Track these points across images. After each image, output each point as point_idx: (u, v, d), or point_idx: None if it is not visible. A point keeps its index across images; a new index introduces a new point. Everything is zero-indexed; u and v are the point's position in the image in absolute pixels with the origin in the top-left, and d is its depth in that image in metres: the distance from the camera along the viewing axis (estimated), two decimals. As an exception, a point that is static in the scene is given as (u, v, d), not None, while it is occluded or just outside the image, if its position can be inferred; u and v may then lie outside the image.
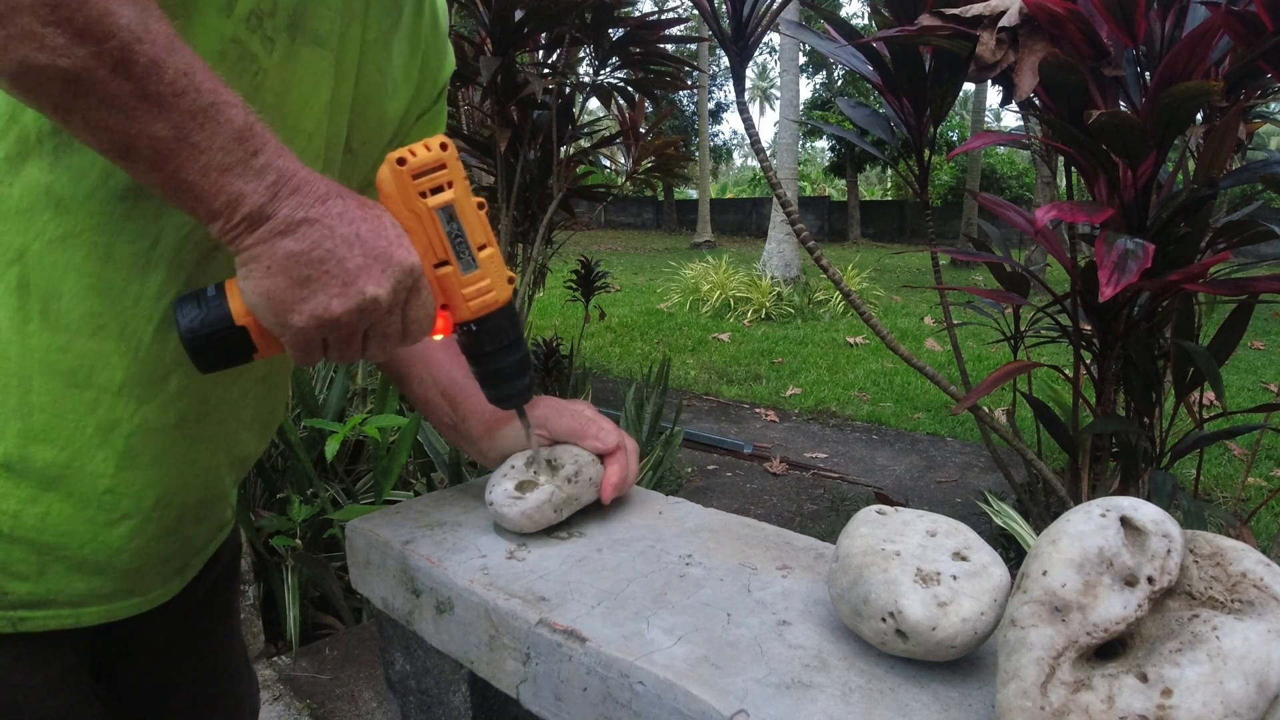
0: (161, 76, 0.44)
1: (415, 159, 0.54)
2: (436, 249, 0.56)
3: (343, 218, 0.50)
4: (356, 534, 0.83)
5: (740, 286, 8.45)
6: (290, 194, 0.49)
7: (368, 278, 0.50)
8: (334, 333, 0.52)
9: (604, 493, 0.75)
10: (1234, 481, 3.30)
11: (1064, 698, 0.41)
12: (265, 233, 0.48)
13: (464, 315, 0.59)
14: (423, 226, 0.55)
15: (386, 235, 0.51)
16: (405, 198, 0.55)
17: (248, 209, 0.48)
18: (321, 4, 0.56)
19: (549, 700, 0.62)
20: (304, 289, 0.49)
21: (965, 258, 1.91)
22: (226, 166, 0.46)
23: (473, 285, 0.58)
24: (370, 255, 0.50)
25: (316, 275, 0.49)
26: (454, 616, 0.70)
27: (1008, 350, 2.31)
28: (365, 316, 0.51)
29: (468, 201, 0.56)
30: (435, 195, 0.55)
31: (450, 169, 0.55)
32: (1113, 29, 1.31)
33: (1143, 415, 1.77)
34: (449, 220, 0.56)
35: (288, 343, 0.53)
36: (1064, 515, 0.46)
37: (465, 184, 0.56)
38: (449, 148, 0.55)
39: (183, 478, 0.63)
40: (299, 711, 1.82)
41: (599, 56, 2.75)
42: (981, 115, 15.18)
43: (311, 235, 0.49)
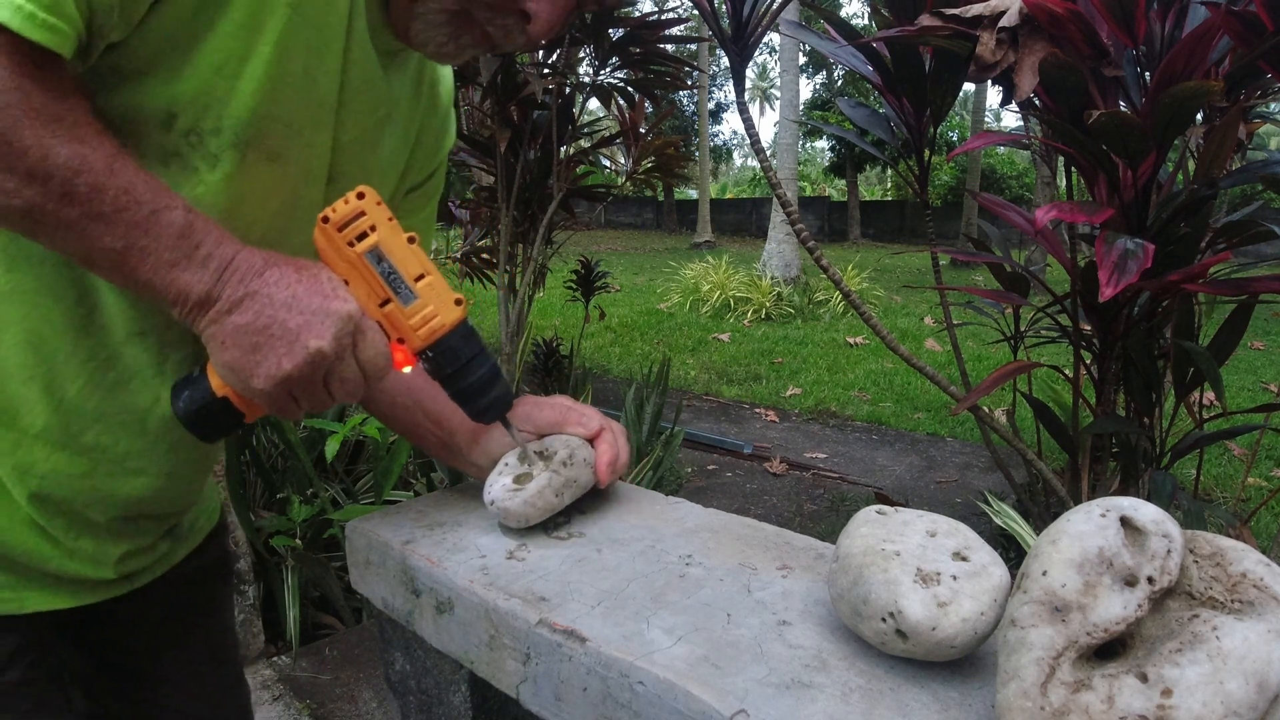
0: (103, 198, 0.51)
1: (336, 214, 0.59)
2: (376, 290, 0.61)
3: (279, 284, 0.55)
4: (356, 534, 0.83)
5: (740, 287, 8.45)
6: (231, 274, 0.55)
7: (309, 333, 0.55)
8: (296, 387, 0.57)
9: (600, 472, 0.77)
10: (1234, 481, 3.30)
11: (1064, 698, 0.41)
12: (215, 313, 0.55)
13: (417, 344, 0.62)
14: (358, 273, 0.60)
15: (322, 290, 0.57)
16: (336, 250, 0.60)
17: (197, 296, 0.54)
18: (276, 122, 0.59)
19: (549, 700, 0.61)
20: (256, 355, 0.55)
21: (965, 258, 1.91)
22: (174, 263, 0.53)
23: (417, 315, 0.61)
24: (308, 312, 0.56)
25: (264, 341, 0.55)
26: (454, 616, 0.70)
27: (1008, 350, 2.31)
28: (316, 368, 0.56)
29: (395, 240, 0.60)
30: (361, 241, 0.60)
31: (370, 214, 0.60)
32: (1113, 29, 1.31)
33: (1143, 415, 1.77)
34: (379, 261, 0.60)
35: (261, 403, 0.59)
36: (1064, 515, 0.46)
37: (391, 225, 0.60)
38: (366, 195, 0.60)
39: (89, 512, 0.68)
40: (299, 711, 1.82)
41: (599, 56, 2.75)
42: (981, 115, 15.18)
43: (254, 307, 0.55)
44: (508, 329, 3.05)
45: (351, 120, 0.66)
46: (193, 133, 0.57)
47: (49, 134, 0.49)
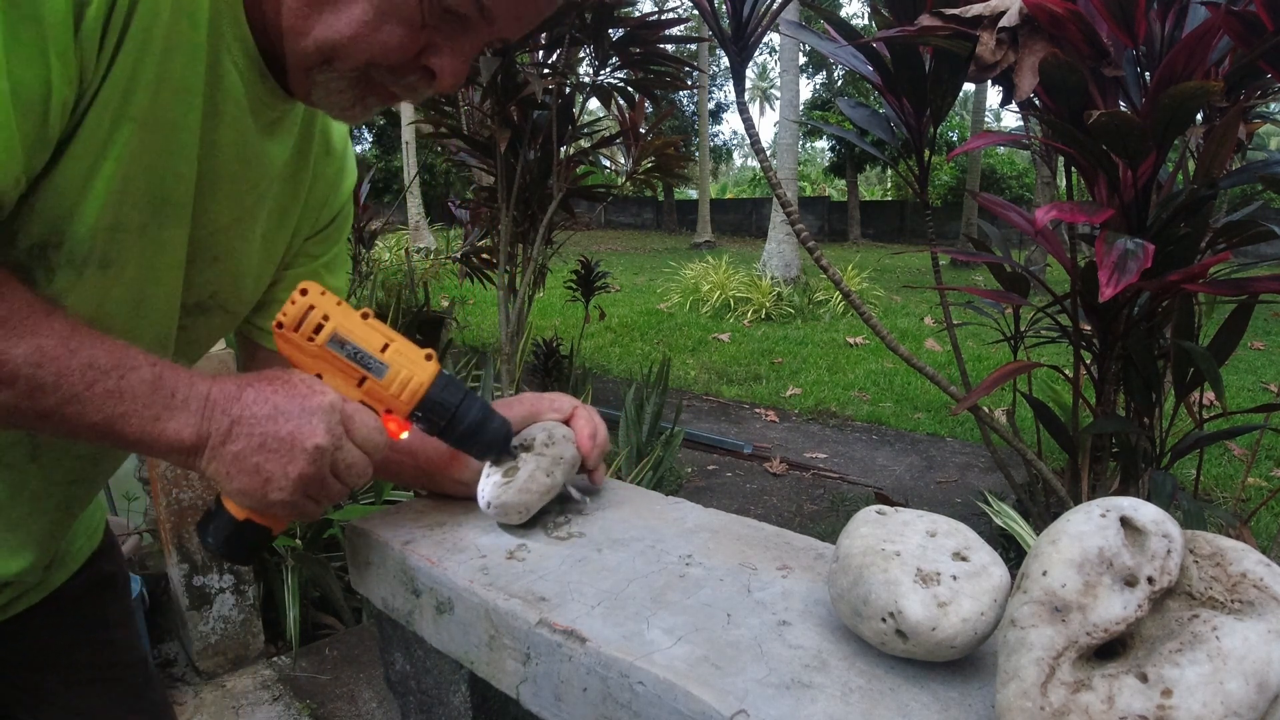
0: (70, 381, 0.52)
1: (287, 317, 0.62)
2: (350, 374, 0.63)
3: (259, 401, 0.57)
4: (356, 534, 0.83)
5: (740, 287, 8.45)
6: (212, 409, 0.56)
7: (302, 434, 0.57)
8: (309, 489, 0.59)
9: (582, 445, 0.78)
10: (1234, 482, 3.30)
11: (1064, 698, 0.41)
12: (212, 449, 0.57)
13: (404, 409, 0.65)
14: (327, 363, 0.63)
15: (299, 391, 0.58)
16: (299, 349, 0.63)
17: (189, 441, 0.56)
18: (115, 230, 0.58)
19: (549, 700, 0.61)
20: (263, 474, 0.57)
21: (965, 258, 1.91)
22: (155, 417, 0.55)
23: (394, 382, 0.64)
24: (294, 416, 0.57)
25: (264, 459, 0.57)
26: (454, 617, 0.70)
27: (1008, 350, 2.31)
28: (321, 463, 0.58)
29: (350, 321, 0.63)
30: (319, 334, 0.62)
31: (319, 306, 0.62)
32: (1113, 29, 1.31)
33: (1143, 415, 1.77)
34: (341, 346, 0.62)
35: (281, 514, 0.61)
36: (1064, 515, 0.46)
37: (341, 309, 0.63)
38: (309, 291, 0.62)
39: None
40: (299, 711, 1.82)
41: (599, 57, 2.75)
42: (981, 115, 15.18)
43: (244, 431, 0.57)
44: (508, 329, 3.05)
45: (224, 203, 0.66)
46: (35, 247, 0.57)
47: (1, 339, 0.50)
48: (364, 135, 22.94)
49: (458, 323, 6.13)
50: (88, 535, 0.85)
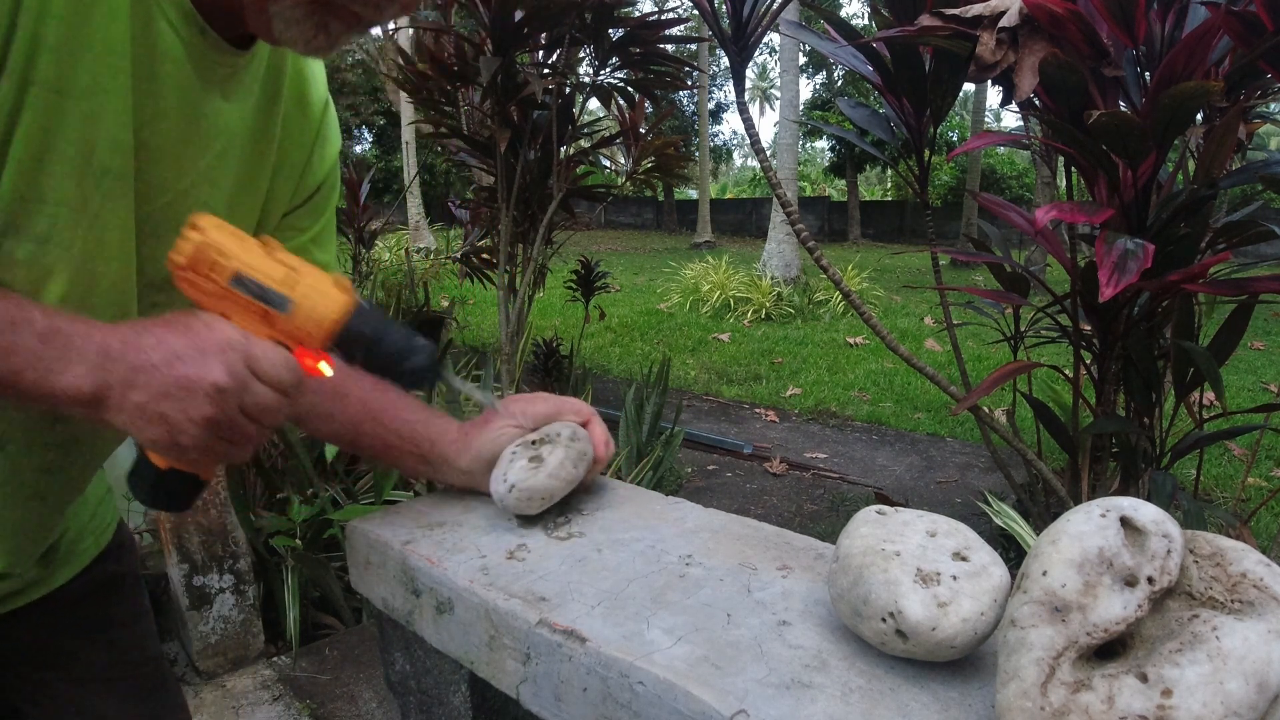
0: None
1: (182, 256, 0.58)
2: (255, 311, 0.59)
3: (156, 347, 0.54)
4: (356, 534, 0.83)
5: (740, 287, 8.45)
6: (108, 359, 0.54)
7: (201, 375, 0.54)
8: (219, 431, 0.56)
9: (597, 449, 0.80)
10: (1234, 482, 3.30)
11: (1064, 698, 0.41)
12: (115, 401, 0.54)
13: (317, 344, 0.61)
14: (231, 303, 0.59)
15: (195, 332, 0.55)
16: (199, 290, 0.59)
17: (89, 392, 0.53)
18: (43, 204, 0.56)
19: (549, 700, 0.61)
20: (169, 421, 0.54)
21: (965, 258, 1.91)
22: (50, 369, 0.53)
23: (302, 316, 0.59)
24: (191, 358, 0.54)
25: (168, 406, 0.54)
26: (454, 617, 0.70)
27: (1008, 350, 2.31)
28: (225, 404, 0.55)
29: (248, 254, 0.59)
30: (217, 271, 0.58)
31: (214, 243, 0.58)
32: (1113, 29, 1.31)
33: (1143, 415, 1.77)
34: (240, 283, 0.58)
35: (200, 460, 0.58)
36: (1064, 515, 0.46)
37: (238, 240, 0.58)
38: (201, 224, 0.58)
39: None
40: (299, 711, 1.82)
41: (599, 57, 2.75)
42: (981, 115, 15.17)
43: (143, 379, 0.54)
44: (508, 329, 3.05)
45: (174, 171, 0.63)
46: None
47: None
48: (364, 135, 22.94)
49: (458, 323, 6.13)
50: (95, 535, 0.84)
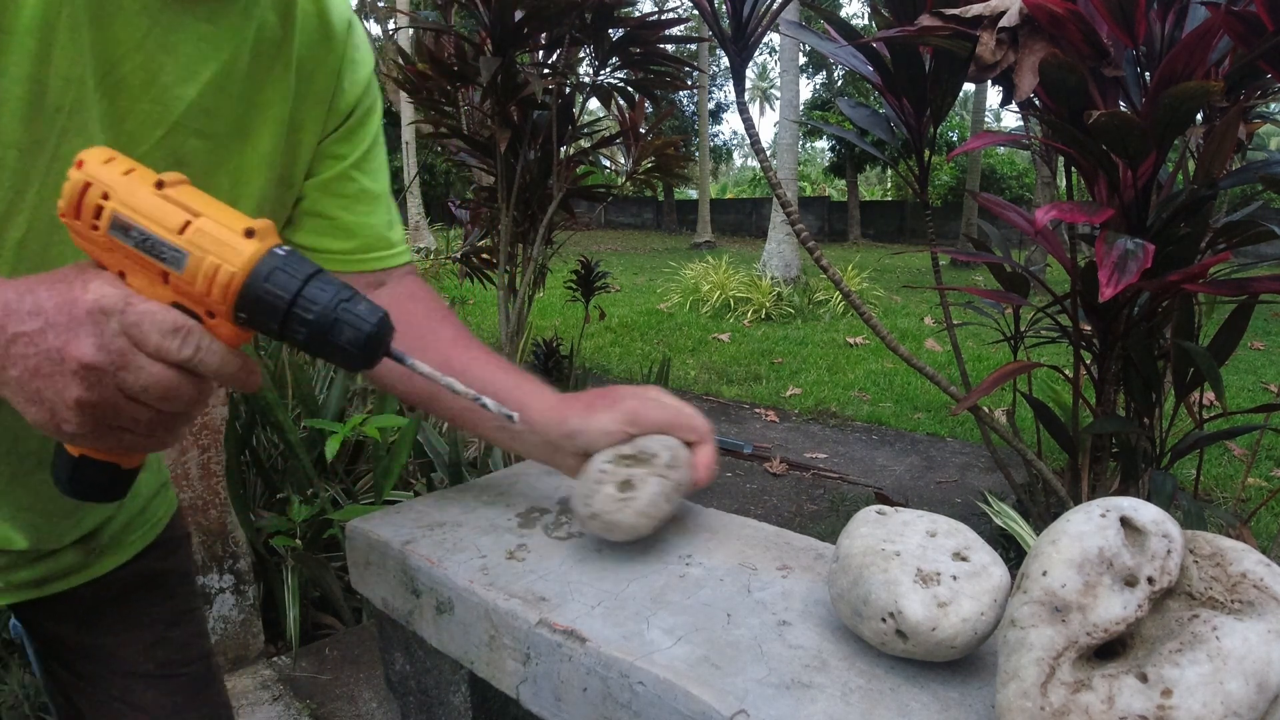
0: None
1: (64, 200, 0.46)
2: (149, 268, 0.46)
3: (32, 314, 0.45)
4: (356, 534, 0.83)
5: (740, 287, 8.45)
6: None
7: (69, 350, 0.44)
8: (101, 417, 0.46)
9: (700, 475, 0.70)
10: (1234, 482, 3.30)
11: (1064, 698, 0.41)
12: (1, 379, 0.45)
13: (223, 311, 0.47)
14: (123, 255, 0.47)
15: (68, 296, 0.45)
16: (90, 242, 0.47)
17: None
18: None
19: (549, 700, 0.61)
20: (45, 403, 0.45)
21: (965, 258, 1.91)
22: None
23: (199, 275, 0.45)
24: (61, 328, 0.44)
25: (42, 384, 0.45)
26: (454, 617, 0.70)
27: (1008, 350, 2.31)
28: (99, 385, 0.45)
29: (136, 196, 0.46)
30: (100, 218, 0.46)
31: (97, 181, 0.46)
32: (1113, 29, 1.31)
33: (1143, 415, 1.77)
34: (125, 232, 0.46)
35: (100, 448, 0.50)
36: (1064, 515, 0.46)
37: (128, 180, 0.46)
38: (85, 161, 0.46)
39: None
40: (299, 712, 1.82)
41: (599, 57, 2.75)
42: (981, 115, 15.17)
43: (19, 351, 0.45)
44: (508, 329, 3.05)
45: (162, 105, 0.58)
46: None
47: None
48: (364, 135, 22.89)
49: (458, 323, 6.11)
50: (145, 528, 0.82)
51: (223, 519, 1.92)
